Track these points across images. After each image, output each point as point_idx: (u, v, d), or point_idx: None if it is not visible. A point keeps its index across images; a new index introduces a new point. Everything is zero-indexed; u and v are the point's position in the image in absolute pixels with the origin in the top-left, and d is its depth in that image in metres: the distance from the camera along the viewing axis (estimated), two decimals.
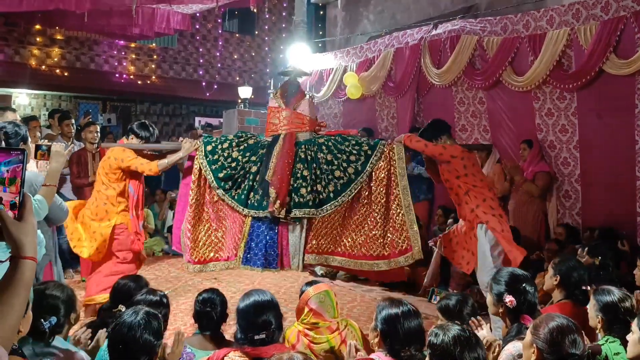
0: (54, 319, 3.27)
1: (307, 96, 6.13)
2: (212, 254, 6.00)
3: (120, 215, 6.23)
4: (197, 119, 18.41)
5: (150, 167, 6.08)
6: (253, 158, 5.93)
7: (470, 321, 3.70)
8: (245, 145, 6.02)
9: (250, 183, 5.89)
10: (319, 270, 8.72)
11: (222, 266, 6.09)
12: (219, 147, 5.96)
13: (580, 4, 7.34)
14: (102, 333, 3.59)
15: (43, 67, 15.88)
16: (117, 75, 16.88)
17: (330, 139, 6.04)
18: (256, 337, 3.40)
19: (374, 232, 5.86)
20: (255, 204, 5.83)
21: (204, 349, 3.84)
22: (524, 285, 3.64)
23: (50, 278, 4.76)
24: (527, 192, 7.85)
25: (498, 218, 5.73)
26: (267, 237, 5.81)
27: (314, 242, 5.89)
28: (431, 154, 6.13)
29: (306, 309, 4.15)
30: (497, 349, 3.52)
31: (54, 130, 9.01)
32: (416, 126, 9.72)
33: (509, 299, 3.58)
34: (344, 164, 5.84)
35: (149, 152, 6.47)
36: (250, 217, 5.87)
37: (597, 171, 7.49)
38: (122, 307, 3.59)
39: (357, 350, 3.49)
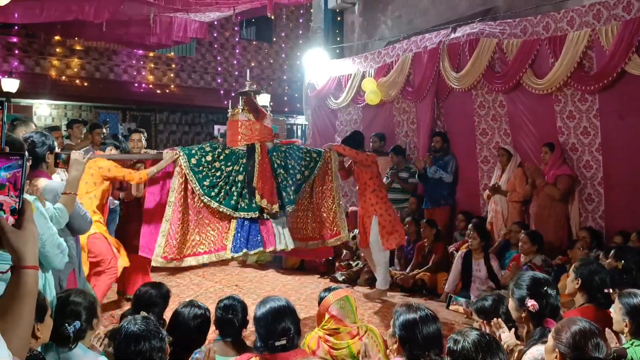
0: (77, 324, 3.29)
1: (269, 112, 7.00)
2: (189, 251, 6.52)
3: (95, 224, 6.06)
4: (216, 127, 18.45)
5: (140, 176, 6.43)
6: (236, 167, 6.57)
7: (492, 322, 3.66)
8: (224, 155, 6.59)
9: (239, 190, 6.54)
10: (339, 276, 8.72)
11: (202, 259, 6.64)
12: (203, 159, 6.49)
13: (601, 4, 7.26)
14: None
15: (63, 77, 16.03)
16: (136, 84, 16.99)
17: (288, 148, 7.05)
18: (277, 343, 3.39)
19: (312, 220, 7.19)
20: (246, 207, 6.52)
21: (225, 355, 3.84)
22: (545, 288, 3.59)
23: (73, 286, 4.76)
24: (549, 196, 7.76)
25: (384, 212, 7.69)
26: (250, 228, 6.55)
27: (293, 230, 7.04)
28: (360, 160, 7.64)
29: (327, 316, 4.13)
30: (517, 354, 3.47)
31: (73, 140, 9.05)
32: (436, 130, 9.70)
33: (531, 303, 3.53)
34: (302, 168, 6.99)
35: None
36: (235, 218, 6.58)
37: (620, 173, 7.39)
38: (144, 314, 3.58)
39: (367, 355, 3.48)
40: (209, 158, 6.51)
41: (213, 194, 6.46)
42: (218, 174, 6.51)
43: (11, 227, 1.53)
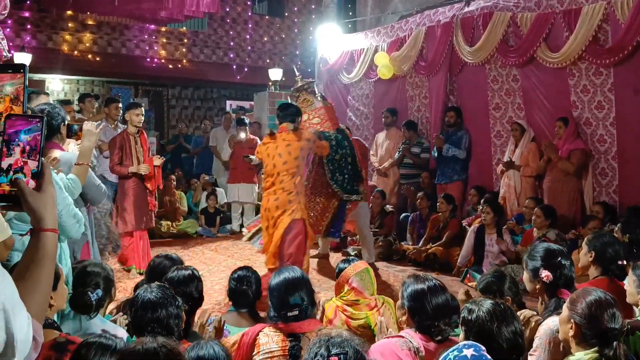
0: (99, 292, 3.32)
1: None
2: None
3: (301, 208, 6.09)
4: (228, 102, 18.40)
5: (326, 147, 6.61)
6: (346, 151, 6.91)
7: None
8: (335, 142, 6.85)
9: (349, 173, 6.91)
10: (351, 250, 8.73)
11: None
12: (332, 143, 6.74)
13: None
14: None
15: (75, 52, 15.99)
16: (148, 59, 16.92)
17: None
18: (289, 314, 3.38)
19: None
20: (349, 189, 6.93)
21: (238, 326, 3.86)
22: (559, 259, 3.57)
23: (87, 257, 4.80)
24: (563, 171, 7.72)
25: None
26: (342, 215, 7.00)
27: None
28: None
29: (346, 287, 4.16)
30: (533, 324, 3.47)
31: (85, 114, 9.03)
32: (449, 105, 9.65)
33: (544, 273, 3.51)
34: None
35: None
36: (337, 201, 6.93)
37: (635, 147, 7.34)
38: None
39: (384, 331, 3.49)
40: (333, 143, 6.77)
41: (335, 178, 6.82)
42: (337, 157, 6.82)
43: (31, 189, 1.53)
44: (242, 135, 10.43)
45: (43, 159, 1.57)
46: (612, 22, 7.29)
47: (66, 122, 4.45)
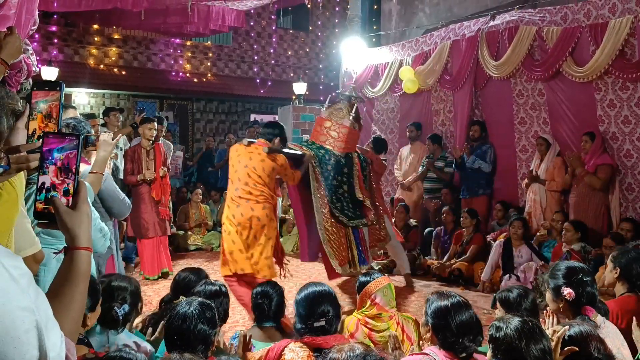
0: (126, 307, 3.33)
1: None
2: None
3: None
4: (252, 116, 18.52)
5: (295, 178, 6.15)
6: (342, 178, 6.52)
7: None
8: (333, 161, 6.49)
9: (348, 199, 6.51)
10: (375, 264, 8.69)
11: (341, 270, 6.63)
12: (325, 166, 6.40)
13: None
14: (163, 325, 3.64)
15: (101, 66, 16.21)
16: (173, 73, 17.10)
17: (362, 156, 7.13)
18: (316, 324, 3.39)
19: None
20: (354, 217, 6.52)
21: (263, 341, 3.85)
22: (580, 276, 3.51)
23: (112, 271, 4.82)
24: (589, 185, 7.64)
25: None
26: (359, 242, 6.60)
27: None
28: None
29: (369, 302, 4.15)
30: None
31: (110, 128, 9.10)
32: (474, 119, 9.60)
33: (567, 291, 3.46)
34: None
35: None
36: (350, 228, 6.52)
37: None
38: (182, 299, 3.62)
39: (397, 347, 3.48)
40: (329, 167, 6.38)
41: (332, 202, 6.36)
42: (330, 181, 6.40)
43: (66, 207, 1.54)
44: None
45: (79, 177, 1.58)
46: (638, 36, 7.23)
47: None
